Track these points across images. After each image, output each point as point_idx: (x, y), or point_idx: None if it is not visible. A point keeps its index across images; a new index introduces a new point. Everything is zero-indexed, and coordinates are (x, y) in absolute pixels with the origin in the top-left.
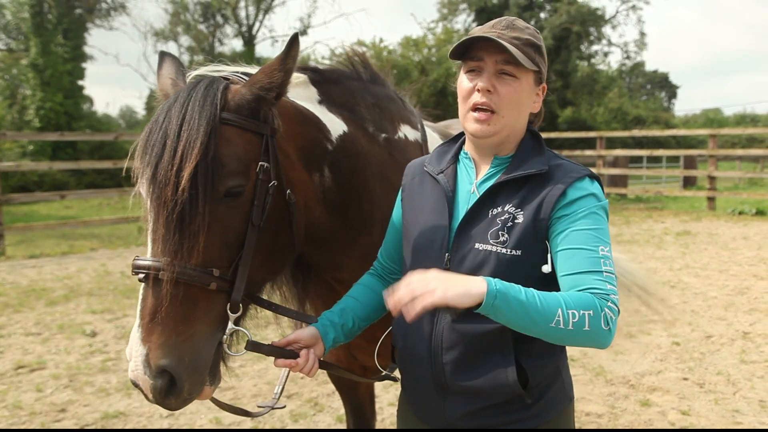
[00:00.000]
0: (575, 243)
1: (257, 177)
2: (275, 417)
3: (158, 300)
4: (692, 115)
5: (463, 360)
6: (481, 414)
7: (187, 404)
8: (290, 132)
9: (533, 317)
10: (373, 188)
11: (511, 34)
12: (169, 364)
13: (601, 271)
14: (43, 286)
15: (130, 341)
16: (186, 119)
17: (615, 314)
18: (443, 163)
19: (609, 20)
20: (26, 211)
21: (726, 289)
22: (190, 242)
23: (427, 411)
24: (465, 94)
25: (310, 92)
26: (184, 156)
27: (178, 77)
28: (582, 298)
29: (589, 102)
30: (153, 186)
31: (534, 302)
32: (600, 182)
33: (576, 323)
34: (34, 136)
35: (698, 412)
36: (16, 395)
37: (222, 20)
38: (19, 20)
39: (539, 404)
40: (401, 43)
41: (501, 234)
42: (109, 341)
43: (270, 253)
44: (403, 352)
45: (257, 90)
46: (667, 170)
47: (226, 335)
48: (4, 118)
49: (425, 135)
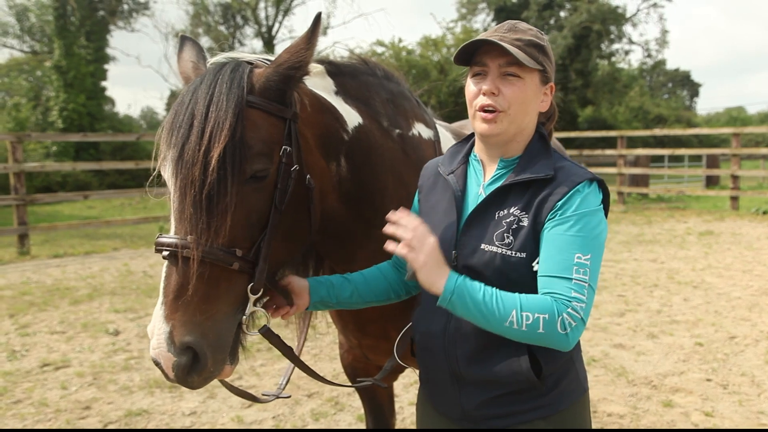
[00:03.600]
0: (554, 246)
1: (280, 160)
2: (296, 416)
3: (182, 278)
4: (715, 114)
5: (477, 350)
6: (496, 402)
7: (207, 383)
8: (310, 119)
9: (486, 317)
10: (386, 182)
11: (513, 36)
12: (194, 341)
13: (571, 278)
14: (67, 285)
15: (153, 319)
16: (213, 101)
17: (576, 321)
18: (454, 164)
19: (630, 18)
20: (50, 211)
21: (750, 289)
22: (217, 222)
23: (444, 402)
24: (471, 98)
25: (327, 83)
26: (213, 137)
27: (200, 61)
28: (539, 302)
29: (610, 101)
30: (180, 166)
31: (490, 303)
32: (604, 186)
33: (529, 325)
34: (57, 137)
35: (722, 413)
36: (41, 393)
37: (242, 21)
38: (43, 23)
39: (553, 393)
40: (420, 43)
41: (506, 236)
42: (132, 340)
43: (288, 237)
44: (420, 346)
45: (284, 70)
46: (690, 169)
47: (246, 316)
48: (28, 120)
49: (438, 134)
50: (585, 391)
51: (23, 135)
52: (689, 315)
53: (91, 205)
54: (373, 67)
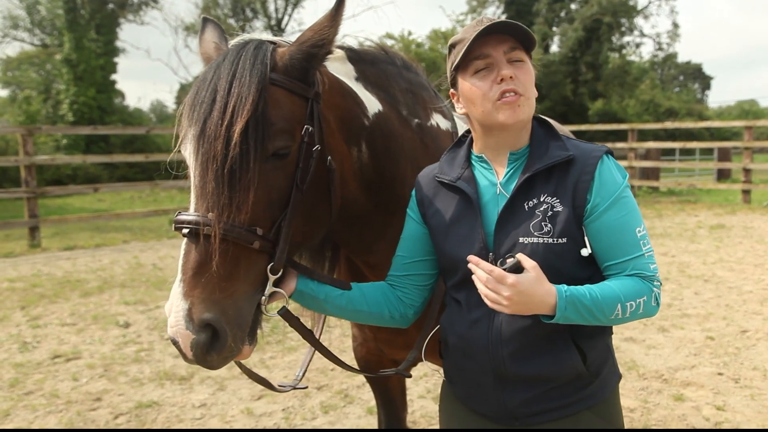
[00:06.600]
0: (616, 232)
1: (302, 140)
2: (306, 408)
3: (201, 256)
4: (726, 107)
5: (523, 349)
6: (541, 398)
7: (226, 363)
8: (331, 101)
9: (597, 317)
10: (405, 171)
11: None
12: (214, 318)
13: (643, 253)
14: (78, 277)
15: (171, 296)
16: (236, 76)
17: (659, 288)
18: (456, 168)
19: (641, 11)
20: (60, 204)
21: (762, 283)
22: (239, 198)
23: (484, 403)
24: (484, 92)
25: (348, 68)
26: (236, 111)
27: (221, 42)
28: (634, 288)
29: (621, 94)
30: (201, 141)
31: (598, 303)
32: (612, 154)
33: (632, 312)
34: (67, 130)
35: (733, 407)
36: (53, 384)
37: (251, 14)
38: (53, 16)
39: (596, 383)
40: (430, 36)
41: (544, 225)
42: (142, 332)
43: (308, 218)
44: (455, 348)
45: (307, 47)
46: (701, 163)
47: (265, 296)
48: (38, 113)
49: (456, 125)
50: (620, 378)
51: (34, 128)
52: (700, 309)
53: (101, 197)
54: (393, 56)
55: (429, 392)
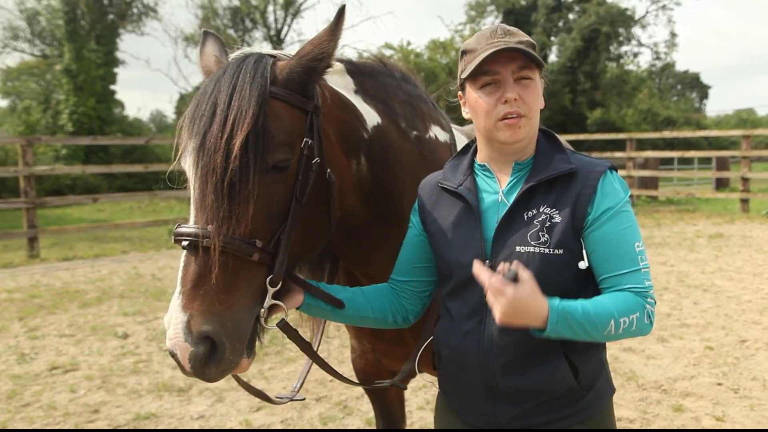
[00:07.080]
0: (613, 244)
1: (302, 153)
2: (305, 420)
3: (201, 268)
4: (724, 116)
5: (514, 362)
6: (533, 412)
7: (224, 376)
8: (331, 114)
9: (589, 332)
10: (404, 183)
11: (515, 40)
12: (212, 330)
13: (639, 268)
14: (76, 288)
15: (170, 308)
16: (237, 90)
17: (653, 306)
18: (459, 176)
19: (639, 20)
20: (60, 214)
21: (761, 292)
22: (238, 211)
23: (476, 415)
24: (488, 109)
25: (347, 81)
26: (236, 124)
27: (222, 56)
28: (627, 302)
29: (619, 103)
30: (201, 154)
31: (590, 318)
32: (616, 169)
33: (625, 328)
34: (67, 140)
35: (733, 418)
36: (50, 396)
37: (251, 24)
38: (54, 27)
39: (589, 396)
40: (428, 46)
41: (541, 235)
42: (141, 343)
43: (308, 231)
44: (448, 360)
45: (307, 61)
46: (699, 172)
47: (264, 309)
48: (38, 123)
49: (454, 137)
50: (614, 391)
51: (33, 138)
52: (699, 318)
53: (101, 208)
54: (391, 69)
55: (428, 403)
